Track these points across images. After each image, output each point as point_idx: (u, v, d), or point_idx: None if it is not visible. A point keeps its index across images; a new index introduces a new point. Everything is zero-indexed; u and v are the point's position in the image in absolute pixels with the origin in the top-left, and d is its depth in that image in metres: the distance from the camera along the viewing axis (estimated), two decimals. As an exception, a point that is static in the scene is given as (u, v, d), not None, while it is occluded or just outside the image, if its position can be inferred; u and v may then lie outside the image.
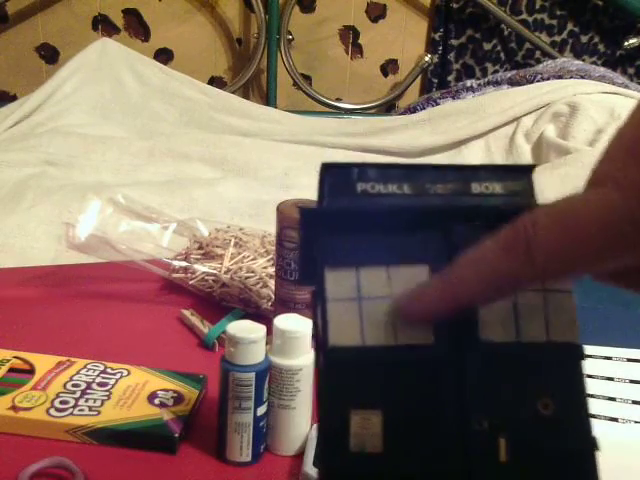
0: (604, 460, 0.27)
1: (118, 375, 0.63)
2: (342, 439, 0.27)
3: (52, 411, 0.58)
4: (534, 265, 0.25)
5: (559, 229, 0.25)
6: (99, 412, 0.58)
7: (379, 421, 0.27)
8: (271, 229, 0.75)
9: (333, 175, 0.29)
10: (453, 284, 0.26)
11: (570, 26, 1.87)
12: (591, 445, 0.28)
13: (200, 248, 0.86)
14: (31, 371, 0.63)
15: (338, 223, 0.28)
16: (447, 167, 0.30)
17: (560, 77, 1.53)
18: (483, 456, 0.27)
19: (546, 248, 0.25)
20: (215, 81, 1.82)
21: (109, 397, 0.60)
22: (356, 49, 1.87)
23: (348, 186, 0.29)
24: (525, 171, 0.30)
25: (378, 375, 0.27)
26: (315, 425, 0.58)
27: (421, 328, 0.28)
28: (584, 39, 1.89)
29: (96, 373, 0.63)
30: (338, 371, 0.27)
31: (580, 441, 0.28)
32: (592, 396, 0.65)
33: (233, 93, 1.68)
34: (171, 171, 1.28)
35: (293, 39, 1.78)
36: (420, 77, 1.89)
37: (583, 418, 0.28)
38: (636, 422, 0.61)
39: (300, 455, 0.56)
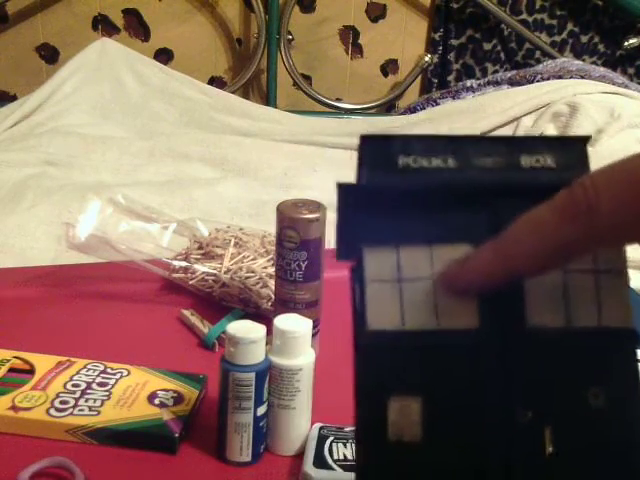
0: None
1: (118, 375, 0.63)
2: (380, 427, 0.25)
3: (52, 411, 0.58)
4: (596, 227, 0.23)
5: (622, 186, 0.23)
6: (99, 412, 0.58)
7: (418, 409, 0.25)
8: (271, 229, 0.75)
9: (373, 147, 0.27)
10: (507, 246, 0.24)
11: (570, 26, 1.87)
12: None
13: (200, 248, 0.86)
14: (31, 371, 0.63)
15: (377, 201, 0.26)
16: (495, 139, 0.28)
17: (560, 77, 1.53)
18: (527, 449, 0.25)
19: (609, 208, 0.23)
20: (215, 81, 1.82)
21: (109, 397, 0.60)
22: (356, 49, 1.87)
23: (389, 160, 0.27)
24: (578, 142, 0.28)
25: (418, 360, 0.26)
26: (315, 425, 0.58)
27: (465, 311, 0.26)
28: (584, 39, 1.89)
29: (96, 373, 0.63)
30: (377, 356, 0.26)
31: (632, 435, 0.26)
32: None
33: (233, 93, 1.68)
34: (171, 171, 1.28)
35: (293, 39, 1.78)
36: (420, 77, 1.89)
37: (636, 410, 0.26)
38: None
39: (300, 455, 0.56)
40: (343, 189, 0.27)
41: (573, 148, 0.28)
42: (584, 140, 0.29)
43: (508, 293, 0.26)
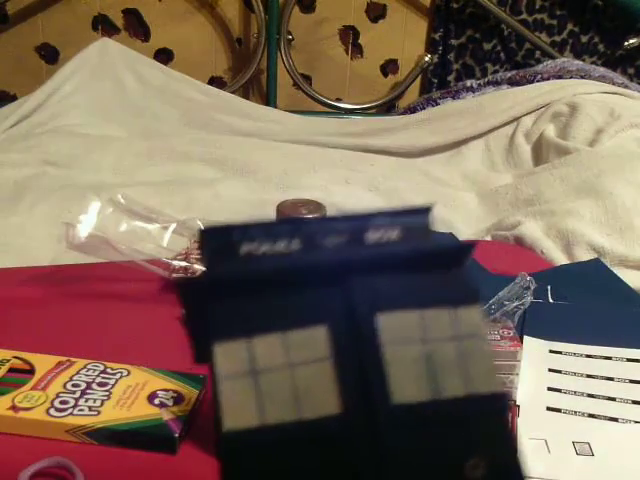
0: (604, 460, 0.26)
1: (118, 375, 0.63)
2: None
3: (52, 411, 0.58)
4: None
5: None
6: (99, 412, 0.58)
7: None
8: (271, 229, 0.75)
9: (214, 238, 0.26)
10: None
11: (570, 26, 1.87)
12: None
13: (200, 248, 0.86)
14: (31, 371, 0.63)
15: (222, 291, 0.25)
16: (340, 218, 0.27)
17: (560, 77, 1.53)
18: None
19: None
20: (215, 81, 1.82)
21: (109, 397, 0.60)
22: (356, 49, 1.87)
23: (231, 248, 0.26)
24: (422, 212, 0.28)
25: (284, 458, 0.24)
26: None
27: (326, 396, 0.24)
28: (584, 39, 1.89)
29: (96, 373, 0.63)
30: (237, 459, 0.24)
31: None
32: (592, 396, 0.65)
33: (233, 93, 1.68)
34: (171, 171, 1.28)
35: (293, 39, 1.78)
36: (420, 77, 1.89)
37: (517, 475, 0.24)
38: (636, 422, 0.61)
39: (300, 455, 0.56)
40: (181, 286, 0.26)
41: (417, 218, 0.28)
42: (427, 209, 0.28)
43: (370, 372, 0.25)
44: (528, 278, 0.74)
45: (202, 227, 0.26)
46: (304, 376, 0.24)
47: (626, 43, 1.87)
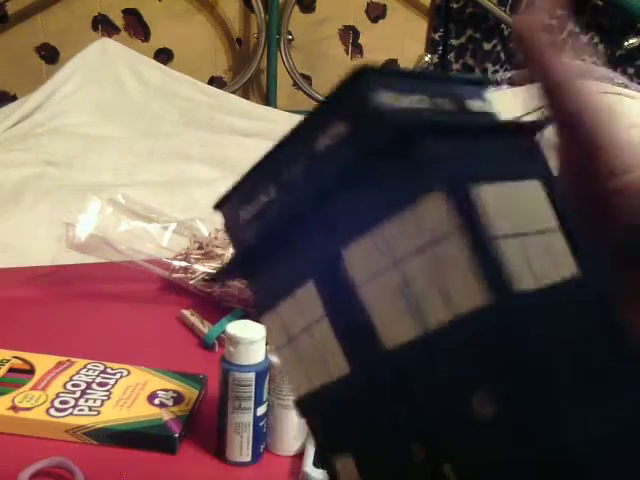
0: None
1: (118, 375, 0.63)
2: None
3: (52, 411, 0.58)
4: None
5: None
6: (99, 412, 0.58)
7: (353, 466, 0.24)
8: (271, 229, 0.75)
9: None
10: None
11: (570, 26, 1.87)
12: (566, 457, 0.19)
13: (200, 248, 0.86)
14: (31, 371, 0.63)
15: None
16: (435, 76, 0.24)
17: (560, 77, 1.53)
18: None
19: None
20: (215, 81, 1.82)
21: (109, 397, 0.60)
22: (356, 49, 1.87)
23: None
24: (482, 82, 0.26)
25: (340, 419, 0.24)
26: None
27: (335, 361, 0.23)
28: (584, 39, 1.89)
29: (96, 373, 0.63)
30: (311, 421, 0.24)
31: (546, 454, 0.19)
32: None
33: (233, 93, 1.68)
34: (171, 171, 1.28)
35: (293, 39, 1.78)
36: (420, 77, 1.89)
37: (547, 420, 0.19)
38: None
39: (300, 455, 0.56)
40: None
41: (481, 88, 0.26)
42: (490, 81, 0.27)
43: (357, 328, 0.22)
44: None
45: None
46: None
47: (626, 43, 1.87)
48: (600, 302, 0.23)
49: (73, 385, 0.61)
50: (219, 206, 0.25)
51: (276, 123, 1.53)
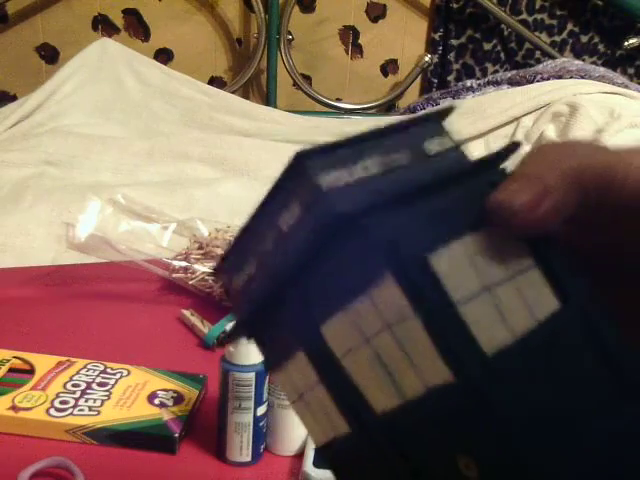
0: None
1: (118, 375, 0.63)
2: None
3: (52, 411, 0.58)
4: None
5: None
6: (99, 412, 0.58)
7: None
8: (271, 229, 0.75)
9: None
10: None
11: (570, 26, 1.87)
12: None
13: (200, 248, 0.86)
14: (31, 371, 0.63)
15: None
16: (385, 131, 0.23)
17: (560, 77, 1.53)
18: None
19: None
20: (215, 81, 1.82)
21: (109, 397, 0.60)
22: (356, 49, 1.87)
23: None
24: (445, 113, 0.25)
25: (353, 469, 0.24)
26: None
27: (338, 419, 0.23)
28: (584, 39, 1.89)
29: (96, 373, 0.63)
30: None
31: None
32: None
33: (233, 93, 1.68)
34: (171, 171, 1.28)
35: (293, 39, 1.78)
36: (420, 77, 1.89)
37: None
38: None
39: (300, 455, 0.56)
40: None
41: (441, 121, 0.25)
42: (452, 109, 0.25)
43: (349, 394, 0.22)
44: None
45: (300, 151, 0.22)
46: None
47: (626, 43, 1.87)
48: (591, 332, 0.22)
49: (73, 385, 0.61)
50: (217, 271, 0.25)
51: (276, 123, 1.53)
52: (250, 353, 0.53)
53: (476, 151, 1.44)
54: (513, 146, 0.24)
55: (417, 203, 0.21)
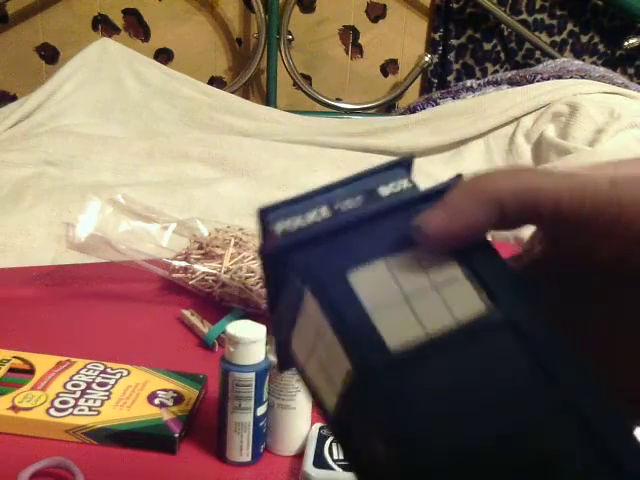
0: None
1: (118, 375, 0.63)
2: None
3: (52, 411, 0.58)
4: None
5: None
6: (99, 412, 0.58)
7: None
8: (271, 229, 0.75)
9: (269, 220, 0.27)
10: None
11: (570, 26, 1.87)
12: None
13: (200, 248, 0.86)
14: (31, 371, 0.63)
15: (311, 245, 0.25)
16: (342, 182, 0.28)
17: (560, 77, 1.53)
18: None
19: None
20: (215, 81, 1.82)
21: (109, 397, 0.60)
22: (356, 49, 1.87)
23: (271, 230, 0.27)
24: (406, 164, 0.28)
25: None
26: (315, 425, 0.58)
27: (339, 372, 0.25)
28: (584, 39, 1.89)
29: (96, 373, 0.63)
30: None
31: None
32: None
33: (233, 93, 1.68)
34: (171, 171, 1.28)
35: (293, 39, 1.78)
36: (420, 77, 1.89)
37: None
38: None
39: (300, 455, 0.56)
40: (274, 252, 0.26)
41: (405, 168, 0.28)
42: (411, 158, 0.28)
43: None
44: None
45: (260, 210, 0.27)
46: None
47: (626, 43, 1.87)
48: (517, 336, 0.24)
49: (73, 385, 0.61)
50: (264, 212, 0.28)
51: (276, 123, 1.53)
52: (250, 353, 0.53)
53: (476, 151, 1.44)
54: (455, 179, 0.26)
55: (348, 234, 0.26)
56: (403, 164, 0.28)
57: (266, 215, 0.27)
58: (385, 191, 0.27)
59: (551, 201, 0.24)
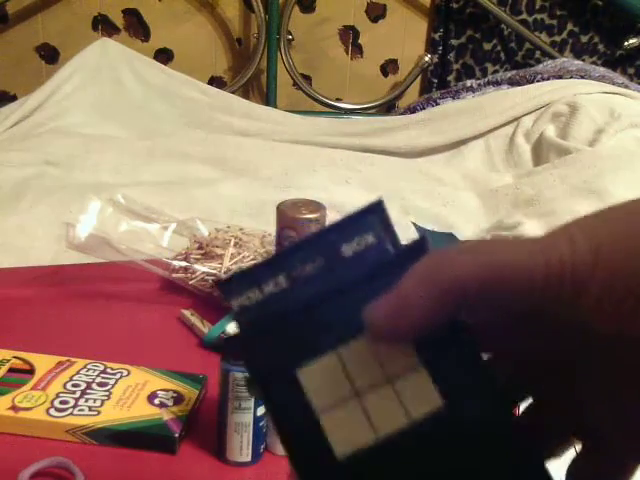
0: None
1: (118, 375, 0.63)
2: None
3: (52, 411, 0.58)
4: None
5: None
6: (99, 412, 0.58)
7: None
8: (271, 229, 0.75)
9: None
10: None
11: (570, 26, 1.87)
12: None
13: (200, 248, 0.86)
14: (31, 371, 0.63)
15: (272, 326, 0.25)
16: (304, 242, 0.26)
17: (560, 77, 1.53)
18: None
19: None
20: (215, 81, 1.82)
21: (109, 397, 0.60)
22: (356, 49, 1.87)
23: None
24: (376, 207, 0.26)
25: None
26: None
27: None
28: (584, 39, 1.89)
29: (96, 373, 0.63)
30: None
31: None
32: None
33: (233, 93, 1.68)
34: (171, 171, 1.28)
35: (293, 39, 1.78)
36: (420, 77, 1.89)
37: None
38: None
39: (300, 455, 0.56)
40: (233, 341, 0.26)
41: (375, 214, 0.26)
42: (380, 203, 0.26)
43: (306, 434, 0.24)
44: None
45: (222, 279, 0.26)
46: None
47: (626, 43, 1.87)
48: (473, 427, 0.23)
49: (73, 385, 0.61)
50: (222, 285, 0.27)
51: (276, 123, 1.53)
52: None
53: (476, 151, 1.44)
54: (421, 243, 0.25)
55: (299, 316, 0.24)
56: (373, 210, 0.26)
57: (223, 288, 0.26)
58: (348, 250, 0.25)
59: (522, 281, 0.21)
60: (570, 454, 0.28)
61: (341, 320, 0.24)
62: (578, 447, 0.27)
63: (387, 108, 1.88)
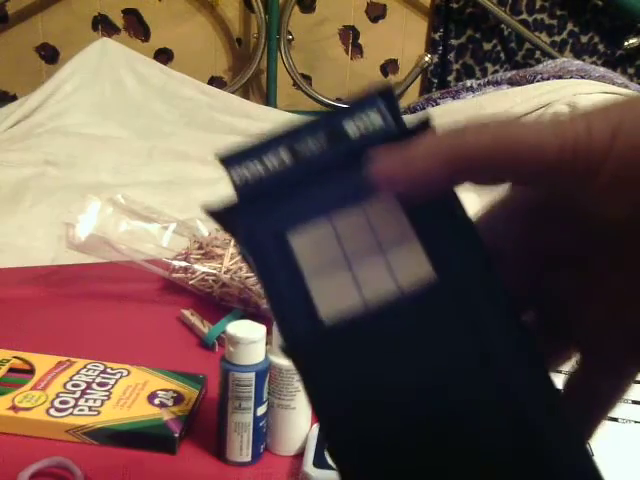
0: (604, 461, 0.26)
1: (118, 375, 0.63)
2: None
3: (52, 411, 0.58)
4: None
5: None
6: (99, 412, 0.58)
7: None
8: (271, 229, 0.75)
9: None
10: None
11: (570, 26, 1.87)
12: None
13: (200, 248, 0.86)
14: (31, 371, 0.63)
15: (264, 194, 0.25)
16: (311, 122, 0.26)
17: (560, 77, 1.53)
18: None
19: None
20: (215, 81, 1.82)
21: (109, 397, 0.60)
22: (356, 49, 1.87)
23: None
24: (386, 94, 0.26)
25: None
26: (315, 425, 0.58)
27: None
28: (584, 39, 1.89)
29: (96, 373, 0.63)
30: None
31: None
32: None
33: (233, 93, 1.68)
34: (171, 171, 1.28)
35: (293, 39, 1.78)
36: (420, 77, 1.89)
37: None
38: (636, 422, 0.61)
39: (300, 455, 0.56)
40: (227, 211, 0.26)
41: (383, 98, 0.26)
42: (389, 89, 0.26)
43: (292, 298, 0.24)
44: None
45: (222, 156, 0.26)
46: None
47: (626, 43, 1.87)
48: (464, 304, 0.23)
49: (73, 385, 0.61)
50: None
51: (276, 123, 1.51)
52: (250, 353, 0.53)
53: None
54: (426, 122, 0.25)
55: (299, 186, 0.24)
56: (382, 94, 0.26)
57: (226, 162, 0.26)
58: (355, 131, 0.25)
59: (533, 155, 0.20)
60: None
61: (339, 190, 0.24)
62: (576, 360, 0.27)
63: (387, 108, 1.88)
